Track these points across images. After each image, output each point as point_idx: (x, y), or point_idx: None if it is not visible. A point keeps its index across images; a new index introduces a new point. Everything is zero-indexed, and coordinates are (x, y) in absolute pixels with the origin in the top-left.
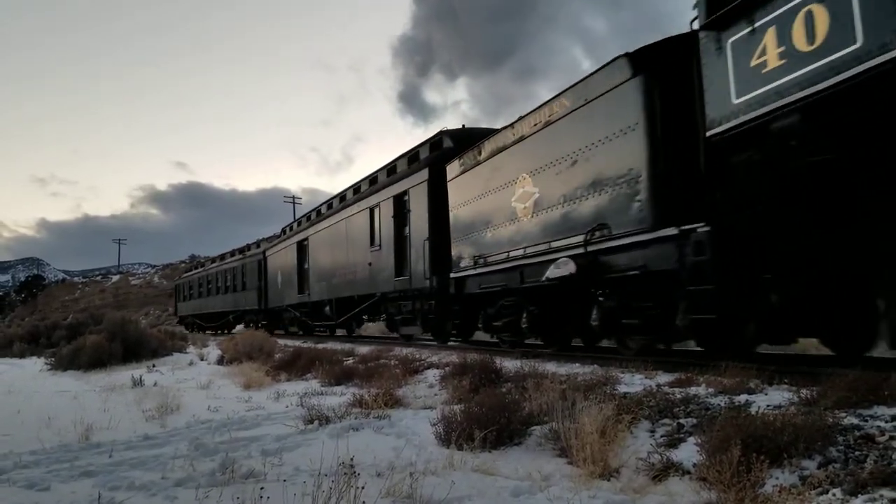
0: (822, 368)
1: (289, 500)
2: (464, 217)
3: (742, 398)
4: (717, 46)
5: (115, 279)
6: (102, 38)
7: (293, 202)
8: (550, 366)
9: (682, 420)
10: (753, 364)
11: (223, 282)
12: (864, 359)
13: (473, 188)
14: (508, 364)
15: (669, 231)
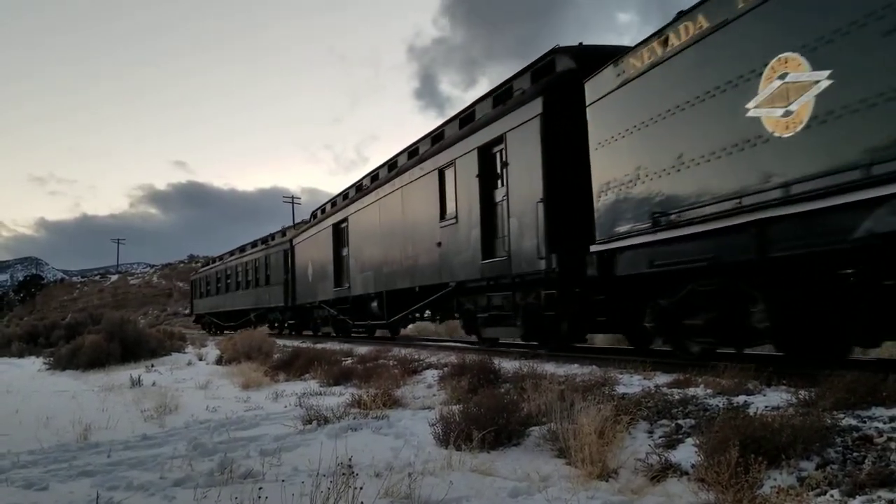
0: (821, 370)
1: (287, 501)
2: (622, 154)
3: (740, 399)
4: None
5: (114, 279)
6: (102, 38)
7: (292, 202)
8: (549, 367)
9: (681, 421)
10: (751, 365)
11: (243, 276)
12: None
13: (648, 104)
14: (507, 365)
15: None
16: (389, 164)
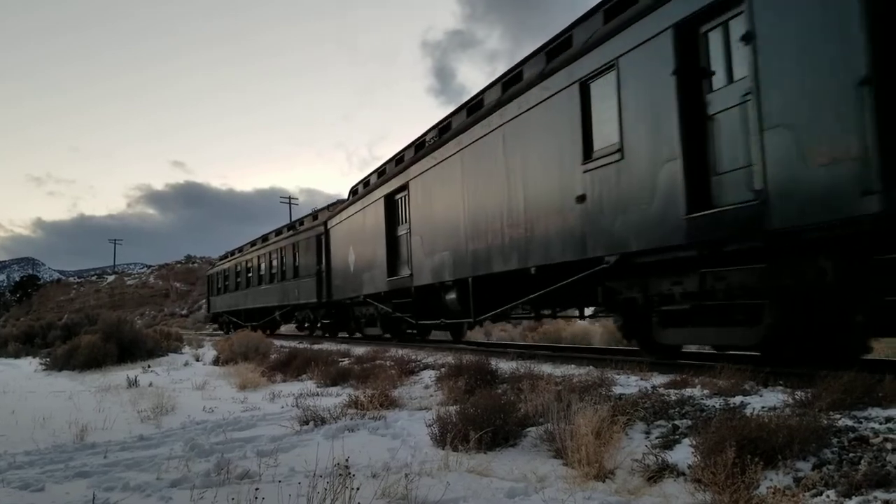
0: (817, 370)
1: (284, 501)
2: None
3: (737, 400)
4: None
5: (111, 279)
6: (102, 38)
7: (289, 203)
8: (546, 367)
9: (678, 421)
10: (748, 365)
11: (267, 269)
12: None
13: None
14: (504, 365)
15: None
16: (472, 105)
